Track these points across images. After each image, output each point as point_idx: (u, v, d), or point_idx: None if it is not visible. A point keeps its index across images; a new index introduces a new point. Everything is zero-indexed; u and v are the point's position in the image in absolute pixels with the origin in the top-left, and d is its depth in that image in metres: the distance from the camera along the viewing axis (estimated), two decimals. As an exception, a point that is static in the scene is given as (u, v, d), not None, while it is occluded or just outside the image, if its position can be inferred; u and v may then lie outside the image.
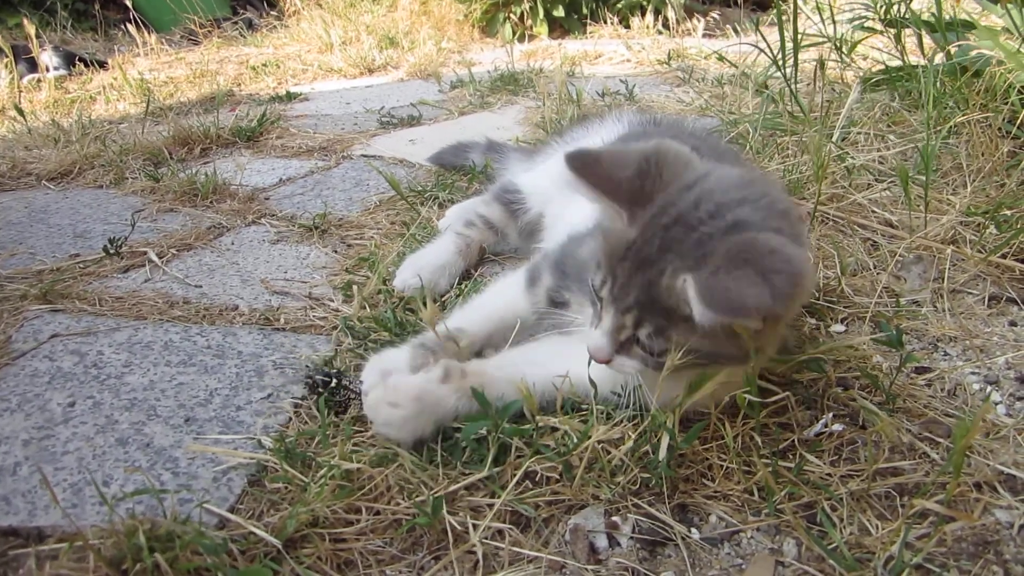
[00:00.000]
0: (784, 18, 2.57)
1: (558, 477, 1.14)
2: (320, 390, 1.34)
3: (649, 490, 1.14)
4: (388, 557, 1.05)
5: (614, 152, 1.16)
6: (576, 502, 1.12)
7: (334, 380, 1.34)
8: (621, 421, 1.20)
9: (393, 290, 1.72)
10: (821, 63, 2.44)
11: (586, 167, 1.13)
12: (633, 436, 1.16)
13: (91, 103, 4.23)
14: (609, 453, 1.15)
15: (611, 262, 1.11)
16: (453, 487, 1.13)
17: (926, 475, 1.15)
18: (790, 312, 1.15)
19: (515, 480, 1.13)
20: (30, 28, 4.20)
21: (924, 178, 1.78)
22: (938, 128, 2.11)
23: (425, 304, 1.25)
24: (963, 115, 2.12)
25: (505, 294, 1.45)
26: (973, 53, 2.24)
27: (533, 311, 1.42)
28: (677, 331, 1.06)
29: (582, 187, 1.13)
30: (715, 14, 6.12)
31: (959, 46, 2.37)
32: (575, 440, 1.16)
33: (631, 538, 1.07)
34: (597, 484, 1.13)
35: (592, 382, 1.21)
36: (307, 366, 1.45)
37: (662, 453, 1.11)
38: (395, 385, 1.22)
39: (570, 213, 1.68)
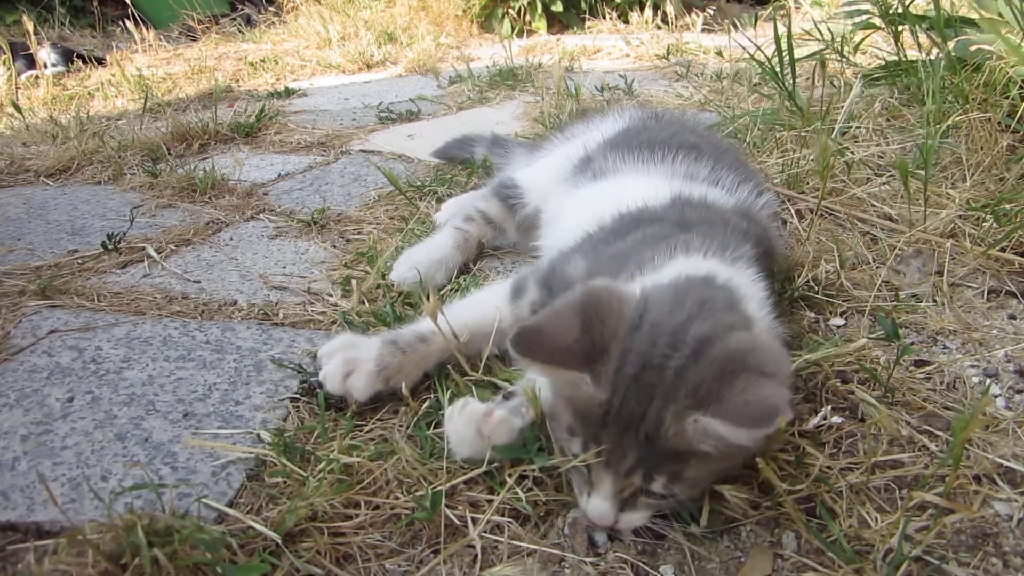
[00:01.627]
0: (781, 13, 2.56)
1: (558, 475, 1.14)
2: (317, 391, 1.34)
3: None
4: (387, 551, 1.05)
5: (551, 320, 1.06)
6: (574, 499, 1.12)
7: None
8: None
9: (392, 284, 1.72)
10: (822, 63, 2.45)
11: (532, 345, 1.03)
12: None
13: (89, 100, 4.22)
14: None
15: (589, 428, 1.03)
16: (453, 482, 1.13)
17: (925, 468, 1.15)
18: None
19: (515, 476, 1.13)
20: (28, 25, 4.19)
21: (924, 172, 1.78)
22: (938, 123, 2.11)
23: (428, 298, 1.25)
24: (962, 112, 2.12)
25: (488, 302, 1.43)
26: (973, 48, 2.23)
27: (514, 322, 1.39)
28: (692, 470, 1.01)
29: (536, 368, 1.07)
30: (713, 9, 6.11)
31: (959, 41, 2.37)
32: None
33: (630, 532, 1.07)
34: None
35: None
36: (300, 366, 1.45)
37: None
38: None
39: (568, 209, 1.68)
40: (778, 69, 2.44)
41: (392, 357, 1.32)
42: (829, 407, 1.27)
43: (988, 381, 1.36)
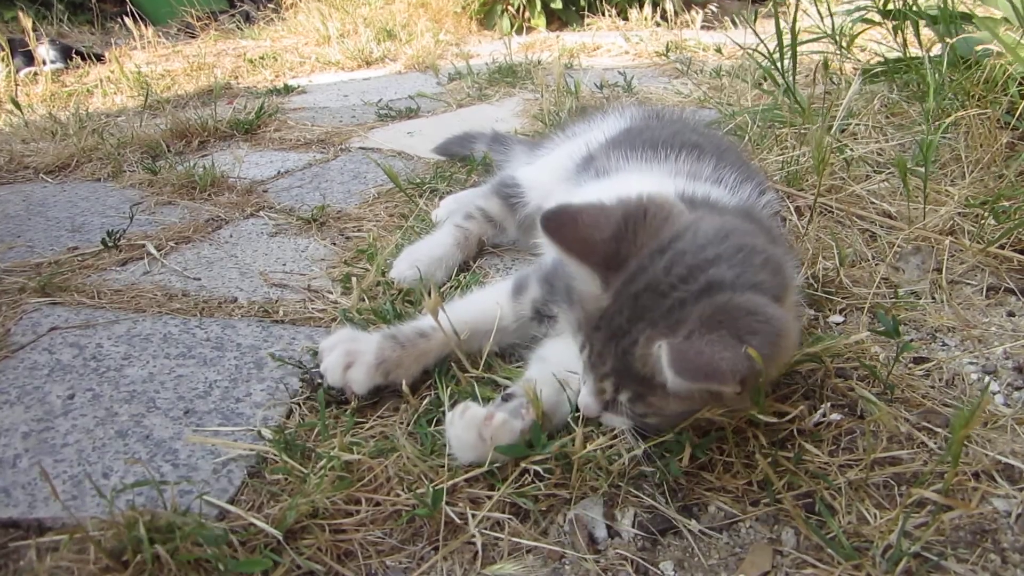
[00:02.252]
0: (781, 10, 2.56)
1: (558, 471, 1.14)
2: (318, 382, 1.35)
3: (648, 481, 1.14)
4: (388, 548, 1.05)
5: (594, 211, 1.11)
6: (576, 494, 1.12)
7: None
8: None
9: (392, 282, 1.72)
10: (825, 64, 2.45)
11: (562, 228, 1.08)
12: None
13: (88, 96, 4.21)
14: (612, 447, 1.16)
15: (587, 329, 1.09)
16: (454, 480, 1.13)
17: (924, 464, 1.15)
18: (773, 370, 1.09)
19: (515, 473, 1.13)
20: (26, 21, 4.19)
21: (923, 169, 1.78)
22: (939, 120, 2.11)
23: (428, 295, 1.26)
24: (962, 109, 2.12)
25: (489, 300, 1.44)
26: (979, 48, 2.23)
27: (516, 319, 1.42)
28: (655, 397, 1.04)
29: (556, 249, 1.10)
30: (713, 6, 6.11)
31: (960, 38, 2.37)
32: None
33: (630, 528, 1.08)
34: (596, 476, 1.13)
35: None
36: (300, 363, 1.45)
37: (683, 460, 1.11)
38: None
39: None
40: (779, 65, 2.44)
41: (392, 351, 1.33)
42: (828, 404, 1.27)
43: (987, 378, 1.37)
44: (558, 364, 1.27)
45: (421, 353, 1.35)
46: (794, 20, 2.52)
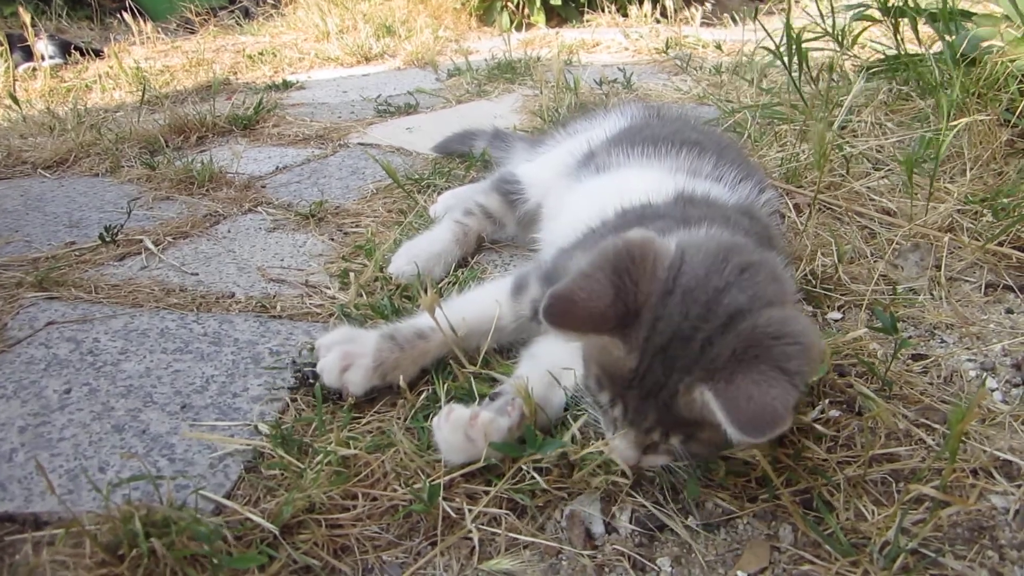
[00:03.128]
0: (781, 6, 2.55)
1: (556, 469, 1.14)
2: (311, 381, 1.35)
3: (645, 478, 1.14)
4: (384, 543, 1.05)
5: (583, 282, 1.05)
6: (573, 490, 1.12)
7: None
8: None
9: (390, 277, 1.72)
10: (831, 66, 2.44)
11: (564, 316, 1.03)
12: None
13: (87, 92, 4.20)
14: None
15: (616, 387, 1.05)
16: (452, 475, 1.13)
17: (922, 461, 1.15)
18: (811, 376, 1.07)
19: (512, 469, 1.13)
20: (25, 17, 4.17)
21: (927, 166, 1.78)
22: (947, 120, 2.10)
23: (426, 291, 1.25)
24: (964, 107, 2.12)
25: (488, 298, 1.43)
26: (984, 45, 2.23)
27: (515, 319, 1.40)
28: (706, 433, 1.02)
29: (570, 338, 1.08)
30: (712, 3, 6.10)
31: (960, 35, 2.37)
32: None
33: (628, 524, 1.08)
34: (594, 473, 1.12)
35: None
36: (293, 361, 1.45)
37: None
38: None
39: (570, 203, 1.68)
40: (785, 61, 2.43)
41: (390, 353, 1.32)
42: (827, 401, 1.28)
43: (985, 375, 1.36)
44: (549, 361, 1.27)
45: (420, 354, 1.35)
46: (787, 14, 2.51)
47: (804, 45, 2.44)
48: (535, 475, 1.11)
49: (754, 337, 0.96)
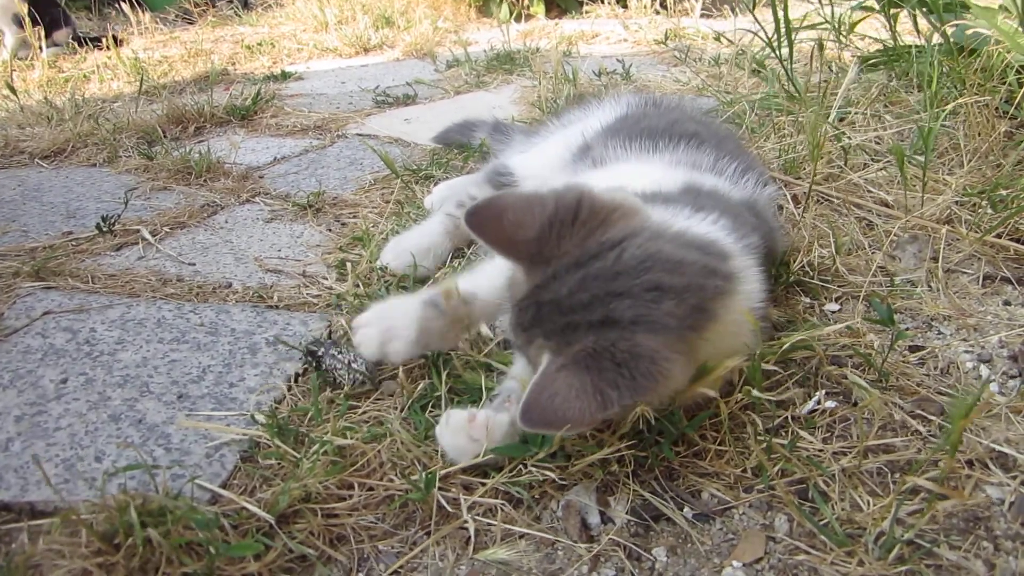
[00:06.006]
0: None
1: (552, 459, 1.14)
2: (321, 356, 1.35)
3: (642, 468, 1.14)
4: (380, 532, 1.06)
5: (522, 206, 1.09)
6: (569, 481, 1.12)
7: (333, 350, 1.34)
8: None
9: (383, 269, 1.71)
10: (820, 44, 2.43)
11: (485, 223, 1.09)
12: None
13: (85, 82, 4.19)
14: (602, 432, 1.15)
15: (512, 306, 1.12)
16: (448, 467, 1.13)
17: (918, 452, 1.15)
18: (649, 402, 1.04)
19: (512, 464, 1.13)
20: (23, 7, 4.17)
21: (919, 158, 1.78)
22: (939, 110, 2.10)
23: (423, 283, 1.25)
24: (960, 97, 2.11)
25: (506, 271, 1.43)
26: (970, 32, 2.23)
27: None
28: None
29: (482, 244, 1.13)
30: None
31: (955, 26, 2.36)
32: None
33: (624, 515, 1.08)
34: (591, 463, 1.12)
35: None
36: (301, 343, 1.44)
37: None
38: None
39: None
40: (778, 51, 2.42)
41: (433, 321, 1.33)
42: (823, 392, 1.27)
43: (982, 367, 1.36)
44: None
45: (461, 318, 1.36)
46: (786, 7, 2.50)
47: (800, 36, 2.44)
48: (534, 471, 1.11)
49: (607, 352, 0.98)
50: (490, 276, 1.37)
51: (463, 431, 1.12)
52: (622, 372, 0.96)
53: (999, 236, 1.71)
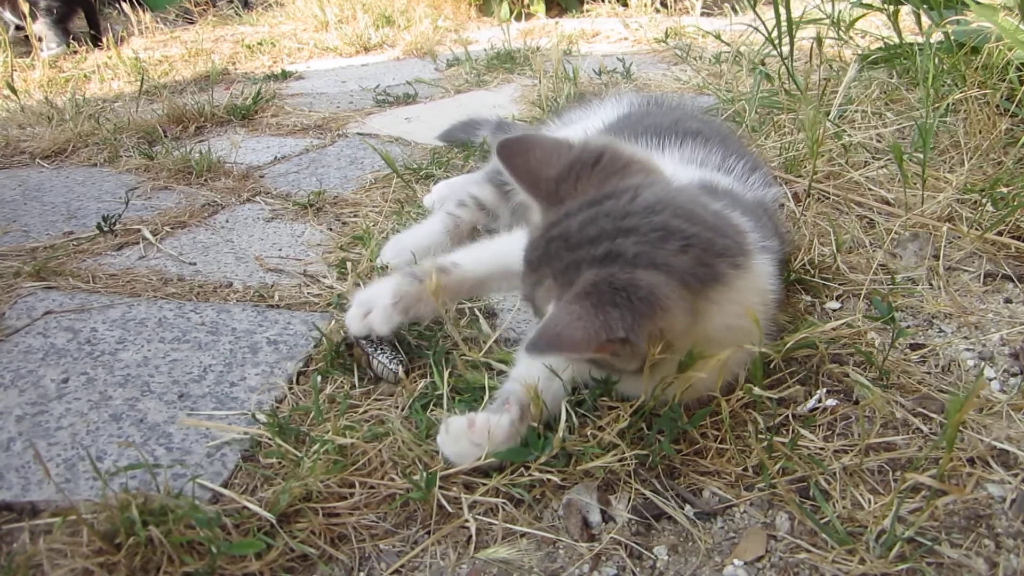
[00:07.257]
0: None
1: (554, 459, 1.14)
2: (371, 354, 1.36)
3: (643, 467, 1.14)
4: (381, 531, 1.06)
5: (551, 147, 1.14)
6: (570, 480, 1.12)
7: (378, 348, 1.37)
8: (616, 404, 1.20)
9: (384, 268, 1.71)
10: (819, 40, 2.43)
11: (515, 156, 1.13)
12: (628, 415, 1.15)
13: (85, 82, 4.19)
14: (603, 431, 1.15)
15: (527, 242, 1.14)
16: (449, 469, 1.13)
17: (919, 450, 1.15)
18: (658, 340, 1.01)
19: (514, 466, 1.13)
20: (24, 7, 4.17)
21: (921, 155, 1.78)
22: (936, 106, 2.10)
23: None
24: (961, 92, 2.11)
25: (514, 244, 1.42)
26: (971, 27, 2.22)
27: None
28: None
29: (508, 175, 1.15)
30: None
31: (955, 22, 2.35)
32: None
33: (625, 513, 1.08)
34: (591, 461, 1.12)
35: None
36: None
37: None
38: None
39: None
40: (779, 48, 2.42)
41: (409, 286, 1.34)
42: (824, 390, 1.27)
43: (983, 364, 1.36)
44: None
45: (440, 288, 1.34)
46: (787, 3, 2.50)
47: (800, 33, 2.43)
48: (537, 473, 1.11)
49: (606, 280, 0.98)
50: (477, 251, 1.40)
51: (464, 437, 1.12)
52: (620, 295, 0.97)
53: (1000, 234, 1.71)
